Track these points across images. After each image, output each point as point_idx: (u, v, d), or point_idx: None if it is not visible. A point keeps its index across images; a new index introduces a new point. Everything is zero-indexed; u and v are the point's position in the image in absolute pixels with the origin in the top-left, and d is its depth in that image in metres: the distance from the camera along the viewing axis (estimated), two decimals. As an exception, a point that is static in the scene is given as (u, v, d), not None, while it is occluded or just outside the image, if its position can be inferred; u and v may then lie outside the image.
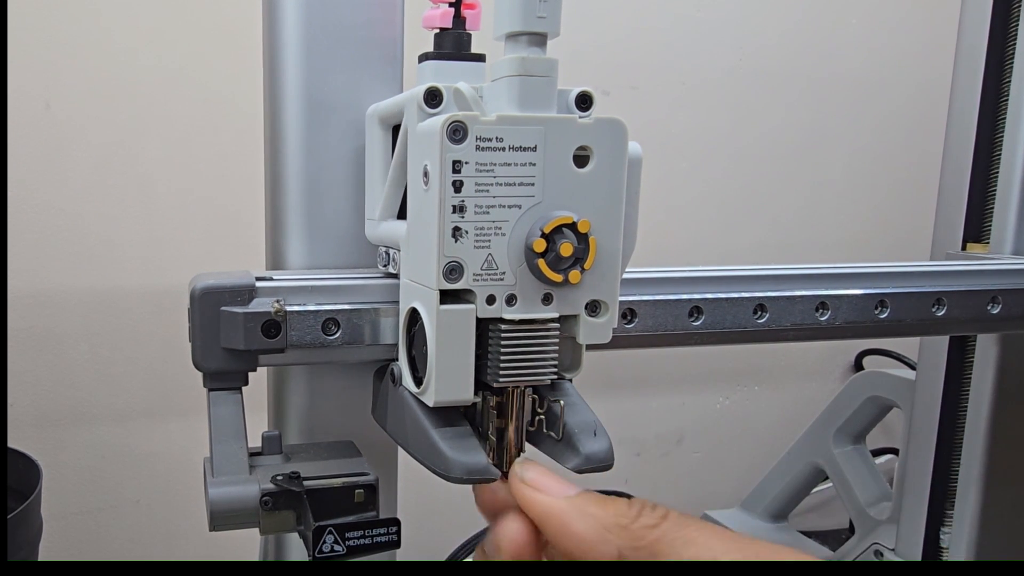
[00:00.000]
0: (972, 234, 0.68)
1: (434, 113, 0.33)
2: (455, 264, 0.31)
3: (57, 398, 0.91)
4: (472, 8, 0.37)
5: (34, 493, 0.68)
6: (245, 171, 0.89)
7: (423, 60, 0.37)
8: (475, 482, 0.32)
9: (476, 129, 0.30)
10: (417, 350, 0.34)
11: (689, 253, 1.15)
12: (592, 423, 0.34)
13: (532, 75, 0.31)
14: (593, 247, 0.31)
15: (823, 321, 0.47)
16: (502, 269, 0.31)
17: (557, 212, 0.31)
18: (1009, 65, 0.65)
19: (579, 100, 0.33)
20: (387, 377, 0.37)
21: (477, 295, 0.31)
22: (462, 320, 0.31)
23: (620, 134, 0.32)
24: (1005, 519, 0.68)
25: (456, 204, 0.30)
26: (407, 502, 0.47)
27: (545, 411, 0.34)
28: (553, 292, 0.32)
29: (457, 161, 0.30)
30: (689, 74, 1.13)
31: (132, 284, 0.92)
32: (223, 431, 0.37)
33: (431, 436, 0.33)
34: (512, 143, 0.31)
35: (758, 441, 1.28)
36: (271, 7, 0.41)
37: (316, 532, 0.34)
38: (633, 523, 0.28)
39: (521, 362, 0.32)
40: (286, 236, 0.42)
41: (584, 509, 0.29)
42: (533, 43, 0.32)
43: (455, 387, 0.32)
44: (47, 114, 0.86)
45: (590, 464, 0.33)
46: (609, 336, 0.34)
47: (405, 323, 0.35)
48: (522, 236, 0.31)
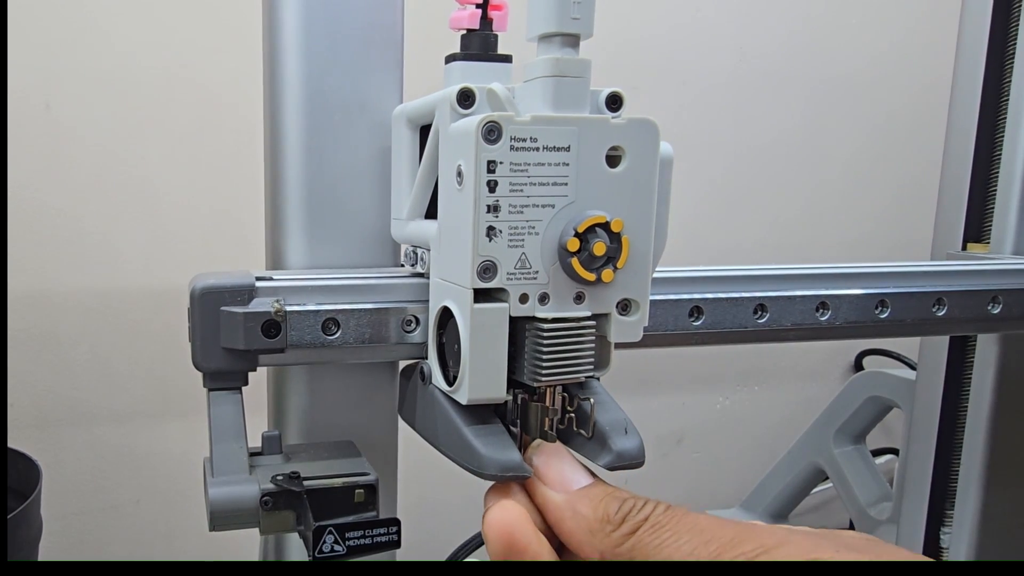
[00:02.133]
0: (972, 234, 0.68)
1: (467, 114, 0.33)
2: (489, 263, 0.31)
3: (57, 398, 0.91)
4: (499, 9, 0.37)
5: (34, 493, 0.68)
6: (245, 171, 0.89)
7: (450, 61, 0.37)
8: (509, 479, 0.32)
9: (511, 129, 0.30)
10: (449, 348, 0.34)
11: (689, 253, 1.15)
12: (623, 420, 0.34)
13: (566, 76, 0.32)
14: (626, 246, 0.32)
15: (823, 321, 0.47)
16: (535, 268, 0.32)
17: (590, 211, 0.32)
18: (1009, 65, 0.65)
19: (609, 100, 0.34)
20: (416, 376, 0.37)
21: (510, 294, 0.32)
22: (496, 319, 0.32)
23: (652, 134, 0.32)
24: (1005, 519, 0.68)
25: (491, 204, 0.31)
26: (407, 502, 0.47)
27: (575, 409, 0.34)
28: (585, 291, 0.33)
29: (492, 161, 0.30)
30: (690, 74, 1.13)
31: (132, 284, 0.92)
32: (223, 431, 0.37)
33: (464, 434, 0.33)
34: (546, 143, 0.31)
35: (758, 441, 1.28)
36: (271, 6, 0.41)
37: (316, 532, 0.34)
38: (615, 529, 0.28)
39: (562, 360, 0.32)
40: (286, 236, 0.42)
41: (576, 508, 0.30)
42: (567, 44, 0.32)
43: (488, 385, 0.32)
44: (47, 114, 0.86)
45: (622, 461, 0.33)
46: (640, 335, 0.34)
47: (436, 322, 0.35)
48: (555, 235, 0.32)
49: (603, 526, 0.29)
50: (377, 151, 0.42)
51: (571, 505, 0.30)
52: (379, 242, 0.43)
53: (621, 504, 0.29)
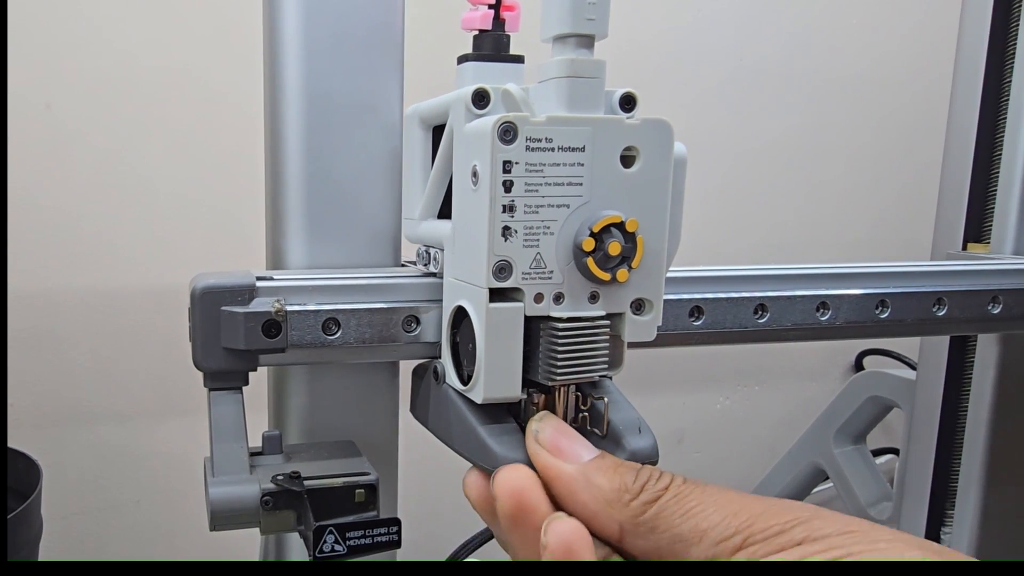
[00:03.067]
0: (972, 234, 0.68)
1: (482, 114, 0.33)
2: (504, 263, 0.31)
3: (57, 398, 0.91)
4: (511, 10, 0.37)
5: (34, 493, 0.68)
6: (245, 171, 0.89)
7: (462, 61, 0.37)
8: None
9: (526, 130, 0.30)
10: (463, 348, 0.34)
11: (689, 253, 1.15)
12: (636, 419, 0.34)
13: (581, 76, 0.32)
14: (640, 246, 0.32)
15: (823, 321, 0.47)
16: (550, 268, 0.32)
17: (605, 211, 0.32)
18: (1009, 65, 0.65)
19: (623, 101, 0.34)
20: (428, 375, 0.37)
21: (525, 293, 0.32)
22: (511, 318, 0.32)
23: (666, 135, 0.32)
24: (1005, 519, 0.68)
25: (506, 204, 0.31)
26: (407, 502, 0.47)
27: (588, 408, 0.34)
28: (600, 291, 0.33)
29: (508, 161, 0.30)
30: (690, 74, 1.13)
31: (132, 284, 0.92)
32: (223, 431, 0.37)
33: (479, 433, 0.33)
34: (561, 143, 0.31)
35: (758, 441, 1.28)
36: (271, 6, 0.41)
37: (316, 532, 0.34)
38: (635, 499, 0.28)
39: (576, 359, 0.33)
40: (286, 236, 0.42)
41: (591, 479, 0.29)
42: (581, 45, 0.32)
43: (504, 384, 0.32)
44: (47, 114, 0.86)
45: (636, 460, 0.33)
46: (654, 334, 0.34)
47: (450, 321, 0.35)
48: (570, 235, 0.32)
49: (621, 495, 0.28)
50: (378, 150, 0.42)
51: (585, 475, 0.29)
52: (379, 241, 0.43)
53: (637, 473, 0.28)
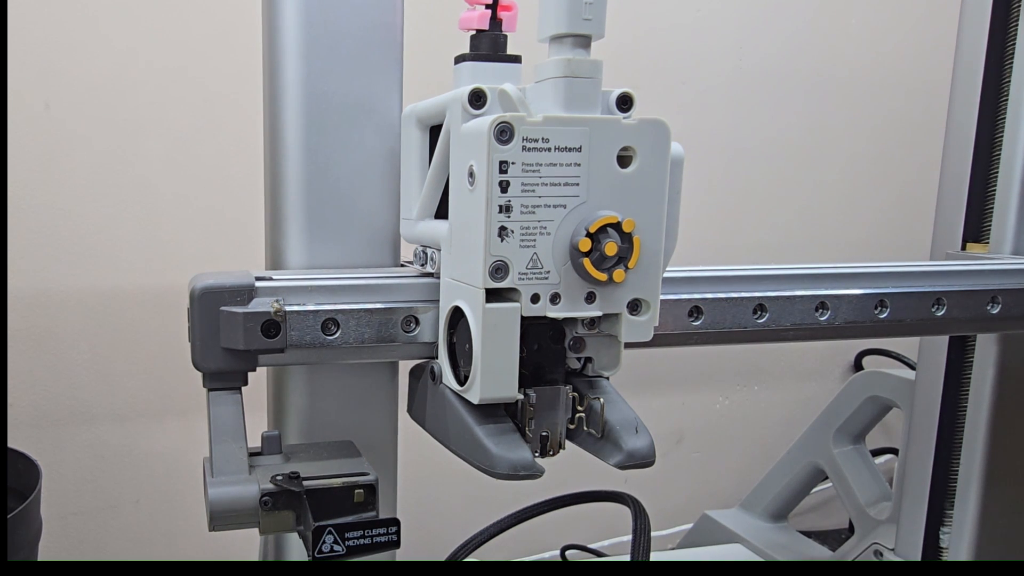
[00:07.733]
0: (972, 234, 0.68)
1: (478, 114, 0.33)
2: (501, 263, 0.31)
3: (57, 398, 0.91)
4: (508, 10, 0.37)
5: (34, 493, 0.68)
6: (245, 171, 0.89)
7: (460, 61, 0.37)
8: (521, 478, 0.32)
9: (523, 130, 0.30)
10: (460, 348, 0.34)
11: (689, 253, 1.15)
12: (633, 420, 0.34)
13: (578, 76, 0.32)
14: (637, 246, 0.32)
15: (823, 321, 0.47)
16: (547, 268, 0.32)
17: (602, 212, 0.32)
18: (1009, 65, 0.65)
19: (620, 101, 0.34)
20: (426, 375, 0.37)
21: (522, 294, 0.32)
22: (508, 318, 0.32)
23: (663, 135, 0.32)
24: (1005, 519, 0.68)
25: (502, 204, 0.31)
26: (407, 502, 0.46)
27: (586, 408, 0.34)
28: (596, 291, 0.33)
29: (504, 161, 0.30)
30: (690, 74, 1.13)
31: (132, 284, 0.92)
32: (223, 431, 0.37)
33: (475, 433, 0.33)
34: (558, 144, 0.31)
35: (758, 441, 1.28)
36: (271, 7, 0.41)
37: (316, 532, 0.34)
38: None
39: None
40: (286, 236, 0.42)
41: None
42: (578, 45, 0.32)
43: (500, 384, 0.32)
44: (47, 114, 0.86)
45: (633, 460, 0.33)
46: (651, 335, 0.34)
47: (446, 322, 0.35)
48: (567, 235, 0.32)
49: None
50: (377, 151, 0.42)
51: None
52: (379, 242, 0.43)
53: None
